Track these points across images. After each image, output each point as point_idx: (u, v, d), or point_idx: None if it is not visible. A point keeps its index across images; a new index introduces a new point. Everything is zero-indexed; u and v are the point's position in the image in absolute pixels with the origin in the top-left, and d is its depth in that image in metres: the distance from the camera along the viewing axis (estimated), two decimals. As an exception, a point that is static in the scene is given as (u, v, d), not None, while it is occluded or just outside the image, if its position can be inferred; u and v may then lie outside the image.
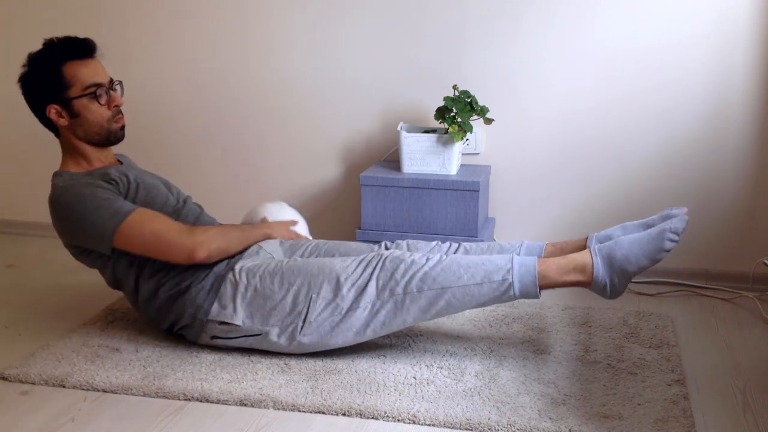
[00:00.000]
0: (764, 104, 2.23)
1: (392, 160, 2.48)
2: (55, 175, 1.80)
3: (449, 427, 1.47)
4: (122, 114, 1.83)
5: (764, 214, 2.28)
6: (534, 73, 2.38)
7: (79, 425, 1.49)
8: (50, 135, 1.89)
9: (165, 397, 1.59)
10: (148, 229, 1.67)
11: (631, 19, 2.28)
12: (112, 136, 1.82)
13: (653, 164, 2.34)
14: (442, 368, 1.70)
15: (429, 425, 1.48)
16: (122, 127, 1.84)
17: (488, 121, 2.27)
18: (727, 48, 2.23)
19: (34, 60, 1.76)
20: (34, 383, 1.65)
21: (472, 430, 1.46)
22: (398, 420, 1.50)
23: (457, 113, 2.22)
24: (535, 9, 2.33)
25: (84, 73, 1.75)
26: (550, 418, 1.48)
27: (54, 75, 1.73)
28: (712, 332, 1.96)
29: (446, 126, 2.23)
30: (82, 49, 1.76)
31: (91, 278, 2.09)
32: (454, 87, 2.28)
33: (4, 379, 1.67)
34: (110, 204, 1.68)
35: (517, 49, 2.37)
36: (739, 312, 2.11)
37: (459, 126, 2.21)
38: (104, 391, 1.62)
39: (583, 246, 1.78)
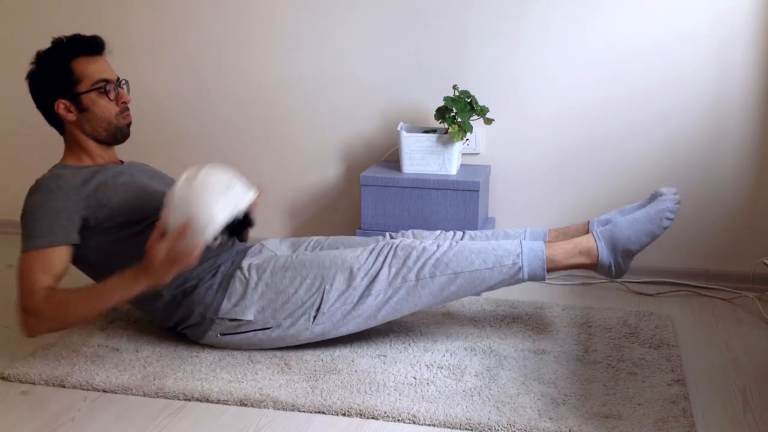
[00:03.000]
0: (764, 104, 2.23)
1: (392, 160, 2.48)
2: (54, 166, 1.80)
3: (449, 427, 1.47)
4: (129, 111, 1.84)
5: (764, 214, 2.28)
6: (534, 73, 2.38)
7: (79, 425, 1.49)
8: (51, 134, 1.89)
9: (165, 397, 1.59)
10: (29, 272, 1.61)
11: (630, 18, 2.28)
12: (118, 133, 1.81)
13: (653, 164, 2.34)
14: (442, 368, 1.70)
15: (429, 425, 1.48)
16: (129, 124, 1.84)
17: (488, 121, 2.27)
18: (726, 48, 2.23)
19: (43, 56, 1.76)
20: (34, 383, 1.65)
21: (472, 430, 1.46)
22: (398, 420, 1.49)
23: (457, 113, 2.22)
24: (535, 9, 2.34)
25: (93, 68, 1.76)
26: (550, 418, 1.48)
27: (63, 70, 1.74)
28: (712, 332, 1.97)
29: (446, 126, 2.23)
30: (91, 45, 1.77)
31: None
32: (454, 87, 2.28)
33: (4, 379, 1.66)
34: (38, 222, 1.64)
35: (518, 48, 2.37)
36: (739, 312, 2.11)
37: (459, 126, 2.21)
38: (104, 391, 1.62)
39: (585, 230, 1.86)
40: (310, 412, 1.53)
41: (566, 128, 2.39)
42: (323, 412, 1.52)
